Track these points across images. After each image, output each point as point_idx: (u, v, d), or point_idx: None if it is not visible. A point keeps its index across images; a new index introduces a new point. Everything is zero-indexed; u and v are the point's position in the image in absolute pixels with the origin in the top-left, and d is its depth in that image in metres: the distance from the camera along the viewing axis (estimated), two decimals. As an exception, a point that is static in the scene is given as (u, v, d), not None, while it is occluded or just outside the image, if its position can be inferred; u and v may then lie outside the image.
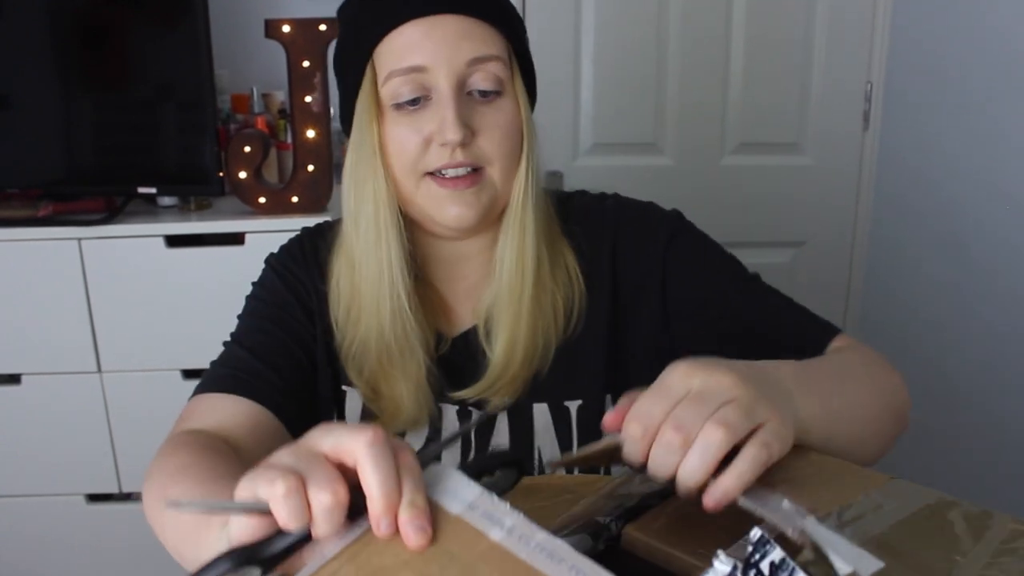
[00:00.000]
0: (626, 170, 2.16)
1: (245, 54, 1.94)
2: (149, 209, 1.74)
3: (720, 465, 0.48)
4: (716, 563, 0.36)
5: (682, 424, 0.48)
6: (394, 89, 0.75)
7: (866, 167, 2.21)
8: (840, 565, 0.39)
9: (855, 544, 0.42)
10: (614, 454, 0.52)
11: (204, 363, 1.75)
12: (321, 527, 0.42)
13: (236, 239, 1.64)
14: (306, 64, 1.61)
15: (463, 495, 0.44)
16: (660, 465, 0.48)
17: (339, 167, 1.94)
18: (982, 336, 1.82)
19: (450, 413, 0.84)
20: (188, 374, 1.69)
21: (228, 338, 0.87)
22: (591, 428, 0.82)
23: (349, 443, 0.43)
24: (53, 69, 1.65)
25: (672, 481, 0.49)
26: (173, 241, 1.64)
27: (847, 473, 0.54)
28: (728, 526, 0.48)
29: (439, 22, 0.73)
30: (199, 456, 0.66)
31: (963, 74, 1.85)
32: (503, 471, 0.52)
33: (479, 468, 0.50)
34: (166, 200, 1.74)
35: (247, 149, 1.66)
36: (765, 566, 0.36)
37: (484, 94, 0.75)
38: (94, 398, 1.69)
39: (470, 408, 0.84)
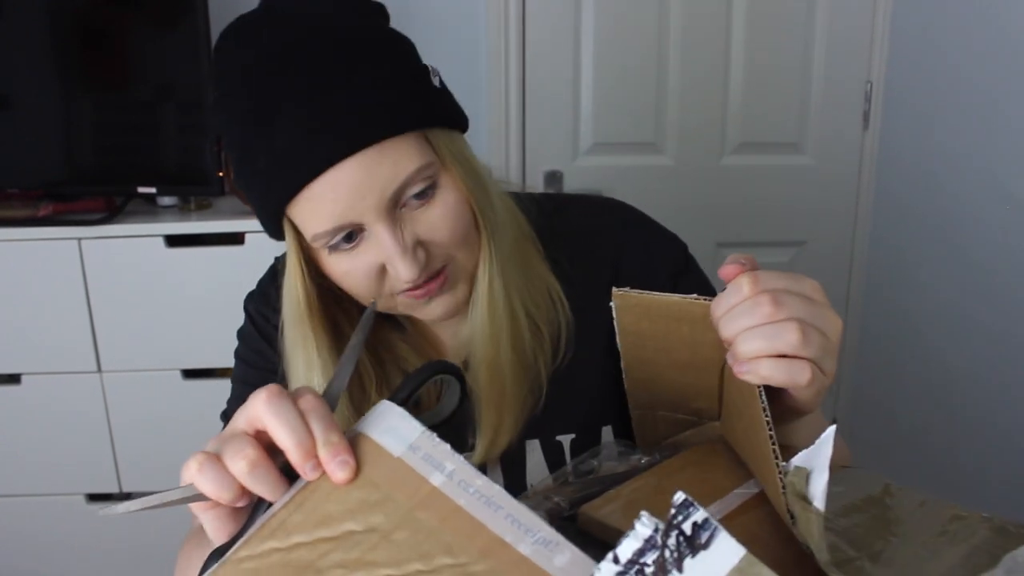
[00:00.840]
0: (626, 170, 2.16)
1: (245, 54, 1.94)
2: (149, 209, 1.74)
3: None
4: (637, 525, 0.36)
5: (782, 306, 0.51)
6: (323, 242, 0.67)
7: (866, 167, 2.21)
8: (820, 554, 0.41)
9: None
10: None
11: (204, 363, 1.76)
12: (254, 489, 0.45)
13: (236, 239, 1.64)
14: (306, 64, 1.61)
15: (404, 434, 0.44)
16: (731, 320, 0.52)
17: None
18: (982, 336, 1.82)
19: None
20: (188, 374, 1.69)
21: (225, 405, 0.85)
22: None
23: (252, 410, 0.46)
24: (53, 69, 1.65)
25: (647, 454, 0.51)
26: (173, 241, 1.64)
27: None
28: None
29: (343, 171, 0.63)
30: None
31: (963, 74, 1.85)
32: (446, 391, 0.52)
33: (414, 384, 0.51)
34: (166, 200, 1.74)
35: (247, 149, 1.65)
36: (687, 526, 0.35)
37: (419, 196, 0.66)
38: (94, 398, 1.69)
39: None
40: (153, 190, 1.66)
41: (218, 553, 0.45)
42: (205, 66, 1.60)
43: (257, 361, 0.82)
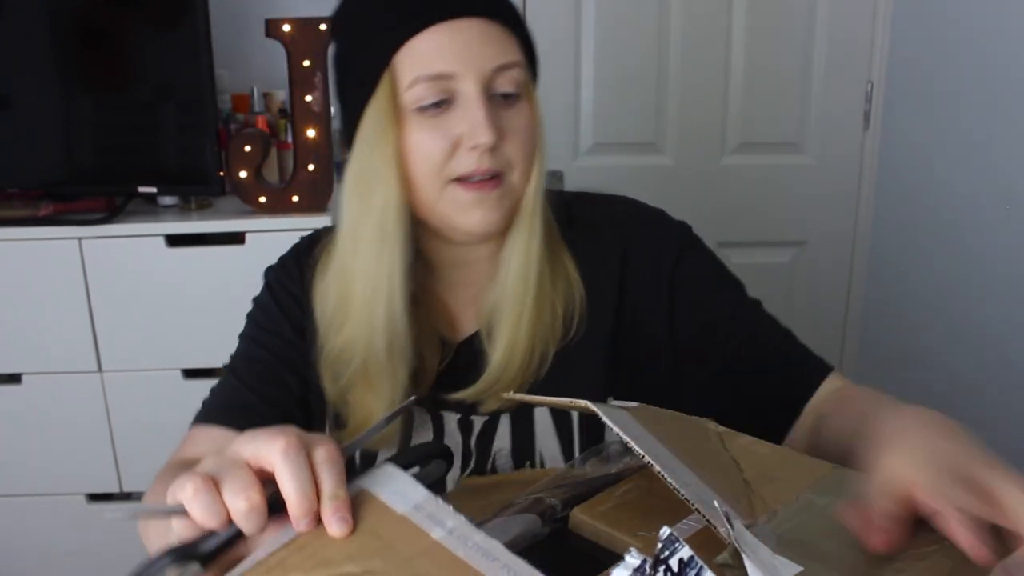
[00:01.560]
0: (626, 170, 2.16)
1: (245, 54, 1.94)
2: (149, 209, 1.74)
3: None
4: (627, 558, 0.37)
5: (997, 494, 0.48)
6: (419, 94, 0.73)
7: (866, 167, 2.21)
8: (753, 572, 0.40)
9: (778, 548, 0.44)
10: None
11: (204, 363, 1.76)
12: (244, 528, 0.46)
13: (236, 239, 1.64)
14: (306, 63, 1.61)
15: (411, 496, 0.47)
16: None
17: (340, 166, 1.94)
18: (982, 335, 1.82)
19: (451, 422, 0.84)
20: (188, 374, 1.69)
21: (228, 360, 0.88)
22: (594, 429, 0.82)
23: (266, 452, 0.47)
24: (53, 69, 1.65)
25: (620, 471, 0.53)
26: (173, 241, 1.64)
27: (790, 465, 0.56)
28: (667, 509, 0.51)
29: (464, 26, 0.72)
30: None
31: (963, 74, 1.85)
32: (434, 462, 0.56)
33: (410, 459, 0.53)
34: (166, 200, 1.74)
35: (247, 149, 1.66)
36: (674, 563, 0.37)
37: (506, 97, 0.75)
38: (94, 398, 1.69)
39: (471, 418, 0.83)
40: (154, 190, 1.66)
41: (172, 552, 0.45)
42: (205, 66, 1.60)
43: (269, 325, 0.86)
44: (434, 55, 0.72)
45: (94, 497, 1.76)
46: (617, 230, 0.85)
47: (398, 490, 0.47)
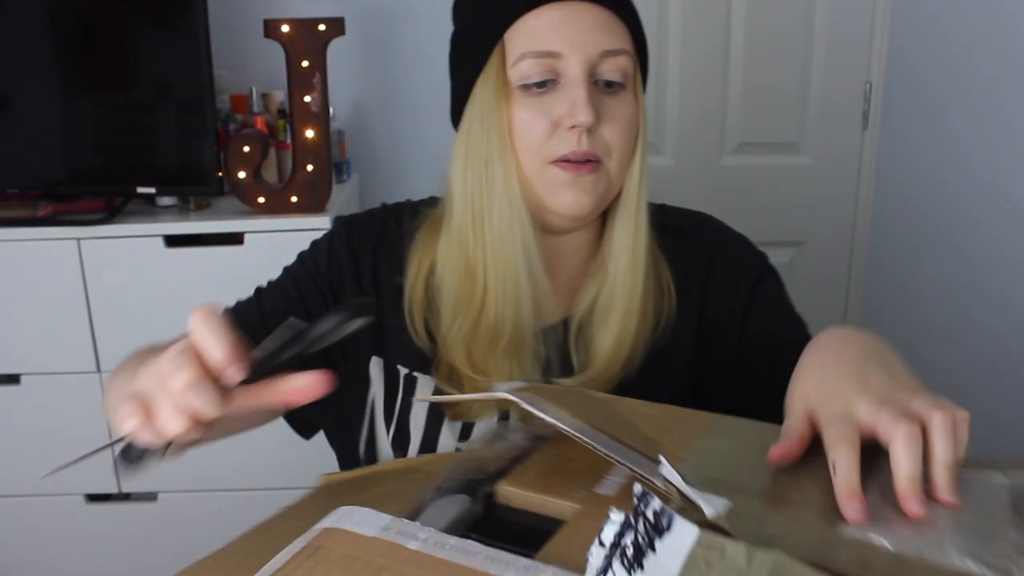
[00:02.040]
0: (626, 170, 2.16)
1: (244, 54, 1.94)
2: (148, 209, 1.74)
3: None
4: (612, 515, 0.41)
5: (910, 431, 0.48)
6: (524, 70, 0.75)
7: (865, 167, 2.21)
8: (706, 508, 0.44)
9: (702, 489, 0.47)
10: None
11: (203, 363, 1.74)
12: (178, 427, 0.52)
13: (235, 239, 1.64)
14: (305, 64, 1.61)
15: (376, 522, 0.48)
16: (906, 462, 0.47)
17: (338, 167, 1.95)
18: (981, 335, 1.82)
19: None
20: (187, 374, 1.69)
21: (264, 283, 0.89)
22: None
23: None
24: (53, 69, 1.65)
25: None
26: (172, 241, 1.64)
27: (678, 419, 0.61)
28: (587, 470, 0.55)
29: (576, 8, 0.74)
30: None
31: (963, 74, 1.85)
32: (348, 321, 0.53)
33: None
34: (165, 200, 1.74)
35: (246, 149, 1.66)
36: (650, 514, 0.41)
37: (609, 85, 0.76)
38: (94, 398, 1.69)
39: None
40: (152, 190, 1.66)
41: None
42: (204, 66, 1.60)
43: (313, 270, 0.86)
44: (543, 32, 0.74)
45: (93, 497, 1.76)
46: (704, 244, 0.87)
47: (361, 520, 0.49)
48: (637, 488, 0.43)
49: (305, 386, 0.52)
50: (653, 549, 0.40)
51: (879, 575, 0.41)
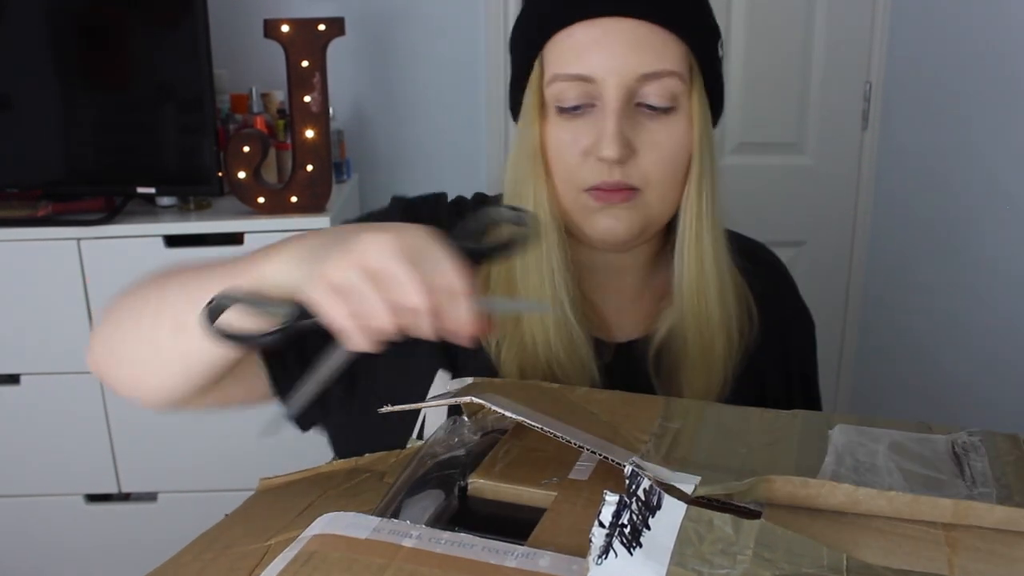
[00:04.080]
0: (626, 170, 2.16)
1: (244, 54, 1.94)
2: (148, 209, 1.74)
3: None
4: (607, 497, 0.43)
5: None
6: (558, 92, 0.70)
7: (865, 167, 2.21)
8: (682, 487, 0.47)
9: (670, 467, 0.50)
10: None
11: (203, 363, 1.74)
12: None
13: (235, 239, 1.64)
14: (305, 64, 1.61)
15: (364, 524, 0.48)
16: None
17: (338, 167, 1.95)
18: (981, 336, 1.82)
19: None
20: (187, 374, 1.69)
21: None
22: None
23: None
24: (53, 69, 1.65)
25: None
26: (172, 241, 1.64)
27: (630, 404, 0.63)
28: (554, 459, 0.56)
29: (613, 26, 0.67)
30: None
31: (962, 74, 1.85)
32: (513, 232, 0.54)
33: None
34: (165, 200, 1.74)
35: (246, 149, 1.66)
36: (641, 493, 0.44)
37: (653, 108, 0.69)
38: (93, 398, 1.69)
39: None
40: (152, 190, 1.66)
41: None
42: (204, 66, 1.60)
43: None
44: (575, 55, 0.69)
45: (93, 498, 1.76)
46: (781, 277, 0.87)
47: (350, 523, 0.48)
48: (628, 469, 0.45)
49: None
50: (648, 527, 0.42)
51: (844, 525, 0.46)
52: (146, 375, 0.67)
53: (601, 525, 0.42)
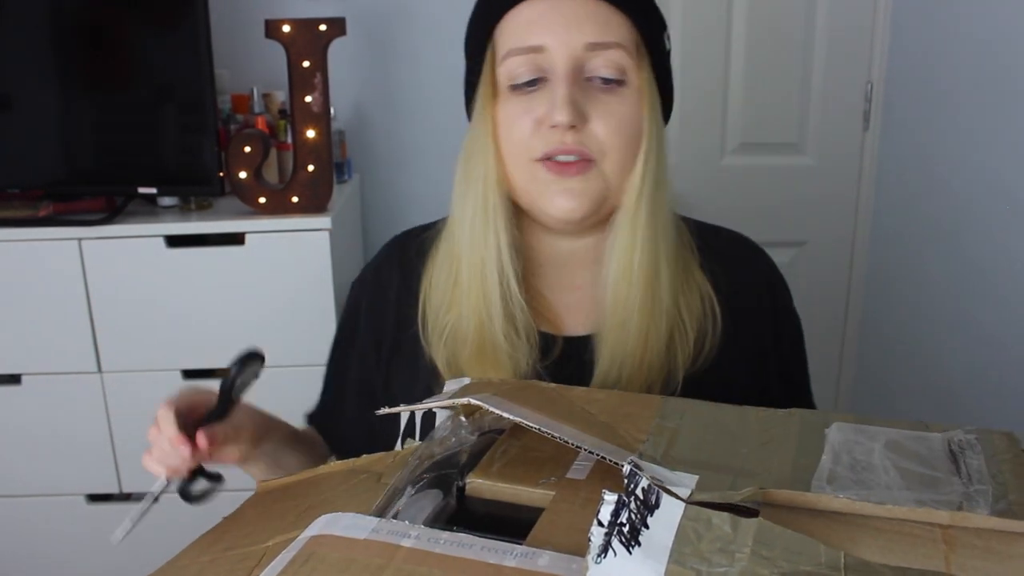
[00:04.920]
0: (626, 170, 2.16)
1: (245, 54, 1.94)
2: (149, 209, 1.74)
3: None
4: (606, 496, 0.43)
5: None
6: (511, 69, 0.73)
7: (866, 167, 2.21)
8: (679, 490, 0.47)
9: (668, 466, 0.50)
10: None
11: (204, 364, 1.77)
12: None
13: (236, 239, 1.64)
14: (306, 64, 1.61)
15: (363, 525, 0.48)
16: None
17: (339, 167, 1.95)
18: (982, 336, 1.82)
19: None
20: (188, 374, 1.69)
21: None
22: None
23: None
24: (53, 69, 1.65)
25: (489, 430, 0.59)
26: (173, 241, 1.64)
27: (630, 403, 0.63)
28: (552, 459, 0.57)
29: (561, 2, 0.71)
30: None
31: (963, 74, 1.85)
32: (248, 366, 0.74)
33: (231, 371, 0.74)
34: (166, 200, 1.74)
35: (247, 149, 1.66)
36: (639, 492, 0.44)
37: (605, 81, 0.72)
38: (94, 398, 1.69)
39: None
40: (153, 190, 1.66)
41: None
42: (205, 66, 1.60)
43: (345, 339, 0.90)
44: (526, 27, 0.72)
45: (94, 498, 1.77)
46: (761, 271, 0.84)
47: (349, 524, 0.48)
48: (625, 468, 0.46)
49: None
50: (647, 525, 0.43)
51: (842, 523, 0.46)
52: None
53: (600, 524, 0.42)
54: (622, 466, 0.47)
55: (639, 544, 0.42)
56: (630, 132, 0.73)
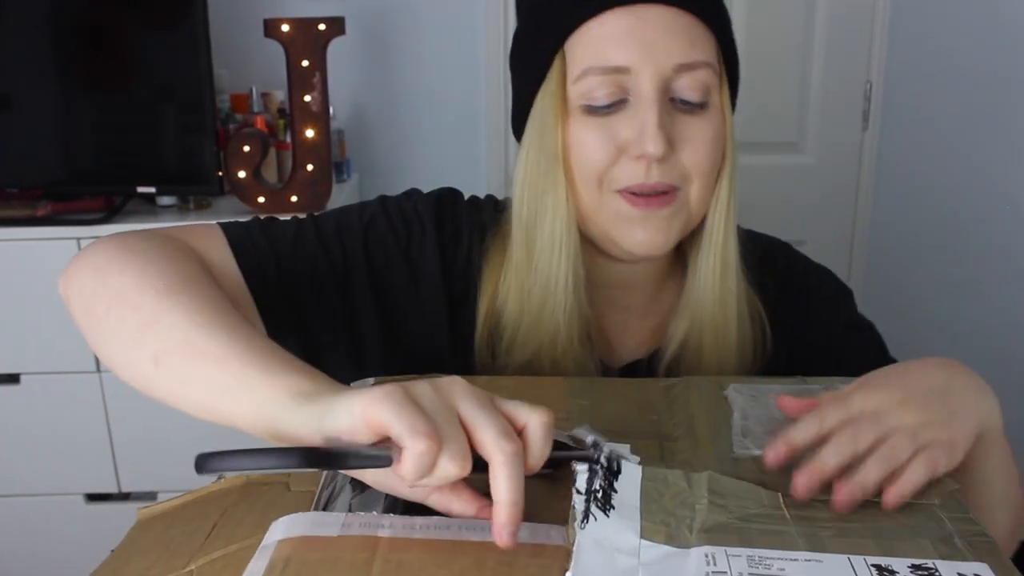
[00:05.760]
0: (626, 170, 2.16)
1: (244, 54, 1.94)
2: (148, 209, 1.74)
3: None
4: (577, 467, 0.46)
5: (857, 437, 0.50)
6: (588, 89, 0.64)
7: (865, 166, 2.21)
8: (627, 456, 0.50)
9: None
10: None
11: (203, 363, 1.74)
12: (426, 484, 0.42)
13: (235, 239, 1.63)
14: (305, 64, 1.61)
15: (329, 521, 0.45)
16: (830, 456, 0.49)
17: (338, 166, 1.95)
18: (981, 335, 1.82)
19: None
20: (187, 374, 1.69)
21: (303, 215, 0.78)
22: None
23: (494, 434, 0.42)
24: (53, 69, 1.65)
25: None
26: (172, 241, 1.64)
27: (536, 387, 0.64)
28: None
29: (646, 14, 0.63)
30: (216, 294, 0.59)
31: (963, 73, 1.85)
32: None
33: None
34: (165, 200, 1.74)
35: (246, 149, 1.65)
36: (603, 459, 0.48)
37: (687, 104, 0.65)
38: (93, 398, 1.69)
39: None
40: (152, 190, 1.66)
41: (311, 456, 0.43)
42: (204, 66, 1.60)
43: (359, 241, 0.74)
44: (608, 43, 0.63)
45: (92, 497, 1.76)
46: (796, 282, 0.80)
47: (313, 523, 0.45)
48: (590, 438, 0.49)
49: None
50: (615, 490, 0.46)
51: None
52: (123, 374, 0.62)
53: (579, 492, 0.45)
54: (572, 441, 0.49)
55: (613, 507, 0.45)
56: (715, 155, 0.67)
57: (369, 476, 0.46)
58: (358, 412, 0.42)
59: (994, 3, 1.75)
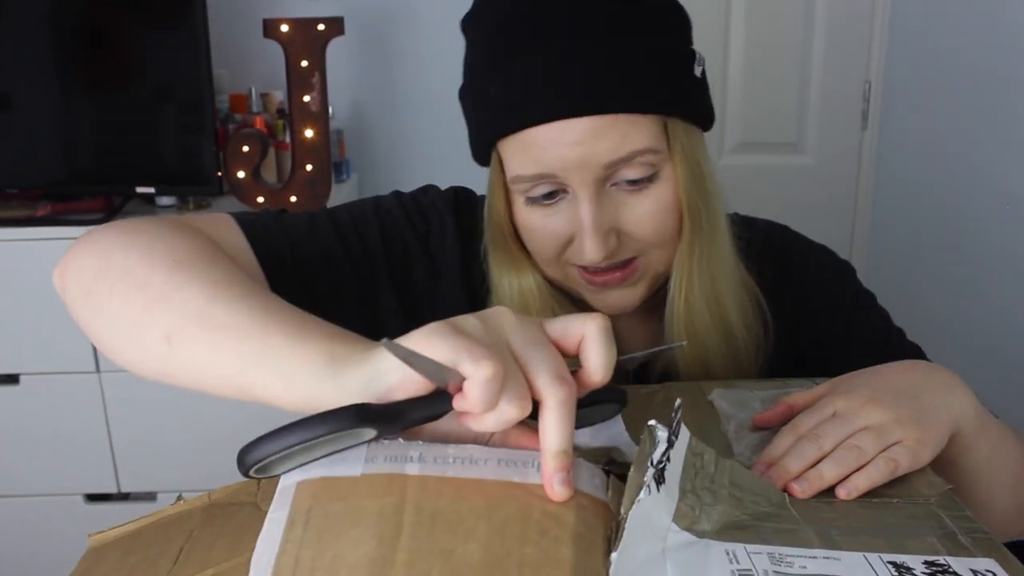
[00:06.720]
0: (625, 170, 2.16)
1: (244, 54, 1.94)
2: (148, 209, 1.74)
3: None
4: (659, 434, 0.43)
5: (821, 440, 0.51)
6: (523, 188, 0.64)
7: (865, 166, 2.21)
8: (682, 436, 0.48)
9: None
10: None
11: (203, 363, 1.74)
12: (488, 425, 0.39)
13: (235, 239, 1.63)
14: (304, 64, 1.61)
15: (352, 457, 0.40)
16: (792, 463, 0.50)
17: (338, 166, 1.95)
18: (981, 335, 1.82)
19: None
20: (187, 374, 1.69)
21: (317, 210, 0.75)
22: None
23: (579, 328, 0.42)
24: (53, 69, 1.65)
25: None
26: (172, 241, 1.64)
27: None
28: None
29: (567, 126, 0.60)
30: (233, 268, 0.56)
31: (961, 73, 1.85)
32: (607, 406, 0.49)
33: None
34: (165, 200, 1.74)
35: (245, 149, 1.65)
36: (675, 425, 0.44)
37: (633, 182, 0.62)
38: (93, 398, 1.69)
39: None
40: (152, 190, 1.66)
41: (363, 413, 0.38)
42: (204, 66, 1.60)
43: (376, 232, 0.72)
44: (535, 152, 0.61)
45: (92, 497, 1.76)
46: (795, 267, 0.79)
47: (338, 459, 0.40)
48: (677, 403, 0.44)
49: None
50: (669, 459, 0.42)
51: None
52: (128, 358, 0.57)
53: (652, 464, 0.41)
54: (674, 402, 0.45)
55: (664, 481, 0.42)
56: (671, 222, 0.65)
57: (426, 431, 0.43)
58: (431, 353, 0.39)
59: (994, 3, 1.75)
